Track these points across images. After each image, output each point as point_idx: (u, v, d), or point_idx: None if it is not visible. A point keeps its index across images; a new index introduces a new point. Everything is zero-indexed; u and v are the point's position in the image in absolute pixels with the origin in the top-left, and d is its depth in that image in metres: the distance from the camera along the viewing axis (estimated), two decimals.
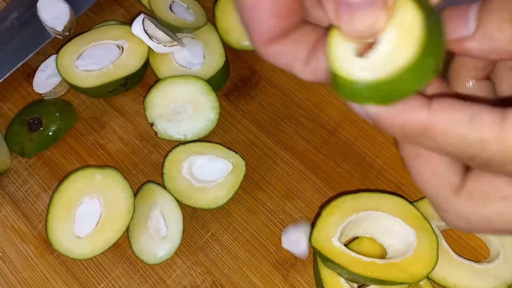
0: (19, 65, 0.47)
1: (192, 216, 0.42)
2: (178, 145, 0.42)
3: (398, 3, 0.19)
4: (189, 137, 0.43)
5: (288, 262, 0.39)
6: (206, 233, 0.41)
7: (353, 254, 0.35)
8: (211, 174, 0.42)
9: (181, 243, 0.40)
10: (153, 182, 0.42)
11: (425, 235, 0.35)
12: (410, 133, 0.21)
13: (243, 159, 0.41)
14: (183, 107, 0.43)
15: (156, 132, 0.43)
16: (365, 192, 0.38)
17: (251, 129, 0.45)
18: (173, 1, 0.46)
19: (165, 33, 0.44)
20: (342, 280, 0.36)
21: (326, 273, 0.36)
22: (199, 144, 0.42)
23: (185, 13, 0.46)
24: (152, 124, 0.43)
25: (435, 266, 0.35)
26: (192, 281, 0.39)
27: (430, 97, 0.20)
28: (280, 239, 0.40)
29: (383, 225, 0.37)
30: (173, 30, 0.45)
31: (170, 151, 0.42)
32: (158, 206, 0.41)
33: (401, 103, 0.20)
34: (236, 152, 0.41)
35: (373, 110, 0.21)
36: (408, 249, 0.35)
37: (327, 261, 0.35)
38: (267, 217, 0.41)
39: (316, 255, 0.37)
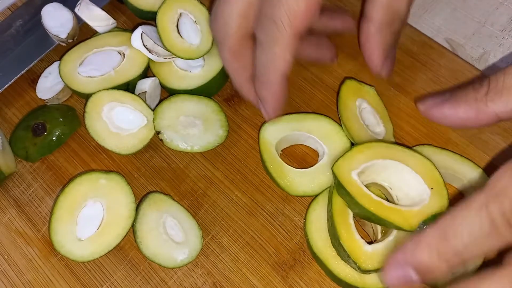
0: (24, 71, 0.48)
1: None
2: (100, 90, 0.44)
3: None
4: (196, 148, 0.43)
5: (287, 263, 0.40)
6: (206, 236, 0.41)
7: (365, 189, 0.37)
8: (127, 123, 0.44)
9: None
10: (160, 192, 0.43)
11: (438, 200, 0.37)
12: None
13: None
14: (193, 122, 0.43)
15: (162, 140, 0.43)
16: (400, 146, 0.39)
17: (250, 133, 0.45)
18: (181, 14, 0.45)
19: (164, 48, 0.44)
20: (349, 211, 0.38)
21: (338, 205, 0.38)
22: (121, 92, 0.44)
23: (191, 33, 0.45)
24: (158, 133, 0.43)
25: None
26: (193, 282, 0.40)
27: None
28: (279, 242, 0.41)
29: (403, 179, 0.38)
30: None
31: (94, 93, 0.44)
32: (169, 214, 0.41)
33: None
34: (153, 110, 0.43)
35: None
36: (417, 205, 0.36)
37: (340, 187, 0.37)
38: (266, 219, 0.42)
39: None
